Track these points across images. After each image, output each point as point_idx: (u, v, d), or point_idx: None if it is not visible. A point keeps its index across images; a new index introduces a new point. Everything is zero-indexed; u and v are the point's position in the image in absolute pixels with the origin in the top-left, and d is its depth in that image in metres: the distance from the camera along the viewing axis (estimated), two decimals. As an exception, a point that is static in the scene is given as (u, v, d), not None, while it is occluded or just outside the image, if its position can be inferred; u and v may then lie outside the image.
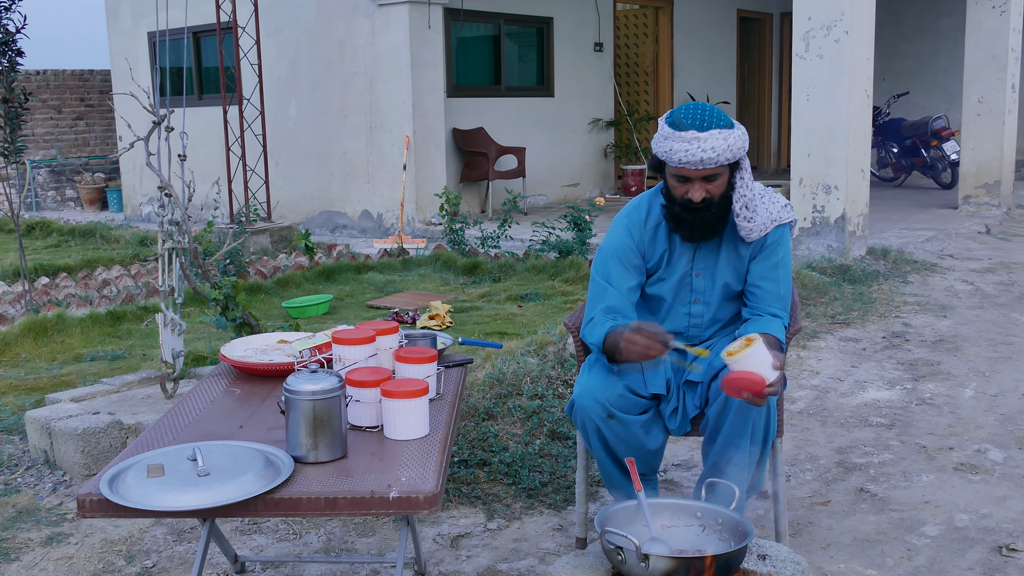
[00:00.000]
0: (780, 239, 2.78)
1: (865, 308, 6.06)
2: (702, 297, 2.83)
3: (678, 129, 2.58)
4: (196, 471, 2.01)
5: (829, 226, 7.09)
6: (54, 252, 10.12)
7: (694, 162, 2.56)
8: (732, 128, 2.60)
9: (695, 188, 2.62)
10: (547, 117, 11.60)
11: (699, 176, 2.60)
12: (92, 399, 4.12)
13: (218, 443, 2.18)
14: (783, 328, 2.74)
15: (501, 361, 4.53)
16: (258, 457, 2.10)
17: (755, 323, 2.74)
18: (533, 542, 3.12)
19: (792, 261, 2.86)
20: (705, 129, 2.56)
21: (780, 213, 2.76)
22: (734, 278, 2.80)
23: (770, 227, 2.73)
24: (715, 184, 2.63)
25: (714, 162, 2.56)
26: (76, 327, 5.95)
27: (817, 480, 3.54)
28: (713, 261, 2.79)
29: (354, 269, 7.55)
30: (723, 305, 2.84)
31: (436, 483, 2.00)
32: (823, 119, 6.93)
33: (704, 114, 2.60)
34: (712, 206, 2.65)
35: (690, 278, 2.82)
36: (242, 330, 4.47)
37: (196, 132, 11.27)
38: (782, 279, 2.78)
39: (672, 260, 2.81)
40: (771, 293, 2.77)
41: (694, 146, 2.55)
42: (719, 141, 2.55)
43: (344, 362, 2.47)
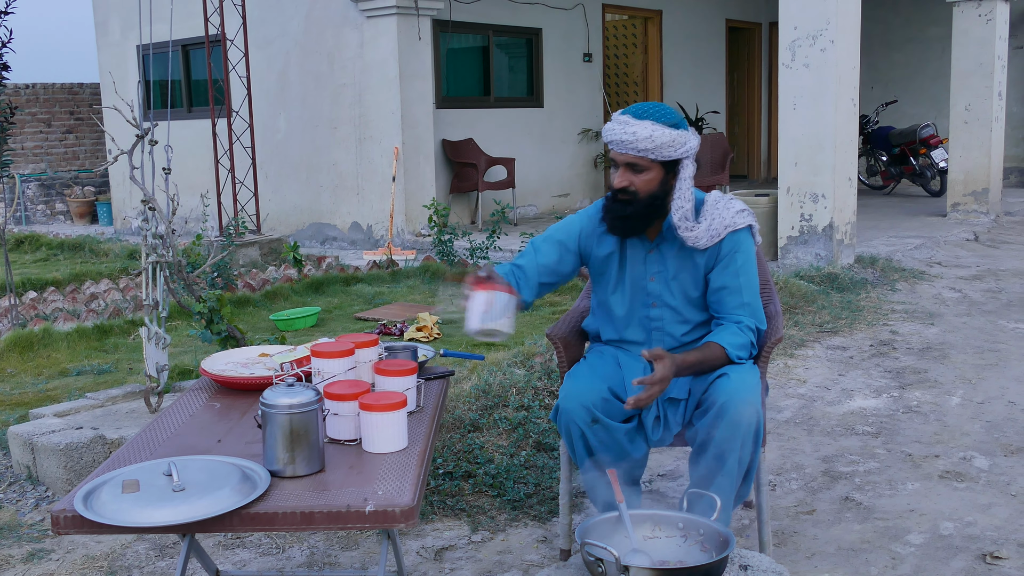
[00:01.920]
0: (737, 246, 2.74)
1: (853, 316, 6.06)
2: (659, 300, 2.81)
3: (621, 114, 2.67)
4: (171, 486, 2.00)
5: (817, 234, 7.10)
6: (43, 266, 10.09)
7: (615, 141, 2.63)
8: (673, 128, 2.62)
9: (619, 174, 2.67)
10: (537, 128, 11.62)
11: (622, 161, 2.65)
12: (76, 414, 4.10)
13: (194, 458, 2.17)
14: (742, 331, 2.71)
15: (487, 372, 4.52)
16: (234, 472, 2.09)
17: (712, 332, 2.74)
18: (517, 554, 3.11)
19: (756, 265, 2.83)
20: (640, 118, 2.62)
21: (734, 219, 2.72)
22: (691, 283, 2.78)
23: (723, 233, 2.69)
24: (640, 177, 2.64)
25: (632, 147, 2.59)
26: (62, 341, 5.93)
27: (803, 489, 3.54)
28: (666, 266, 2.78)
29: (343, 281, 7.53)
30: (686, 307, 2.81)
31: (413, 496, 1.99)
32: (810, 128, 6.95)
33: (651, 108, 2.66)
34: (633, 202, 2.65)
35: (644, 281, 2.81)
36: (227, 343, 4.46)
37: (185, 145, 11.26)
38: (745, 286, 2.75)
39: (625, 263, 2.82)
40: (734, 301, 2.74)
41: (620, 128, 2.63)
42: (643, 129, 2.59)
43: (322, 375, 2.46)
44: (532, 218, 11.29)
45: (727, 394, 2.56)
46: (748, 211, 2.79)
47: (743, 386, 2.57)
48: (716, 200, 2.75)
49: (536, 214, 11.55)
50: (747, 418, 2.55)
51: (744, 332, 2.73)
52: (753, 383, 2.60)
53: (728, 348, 2.68)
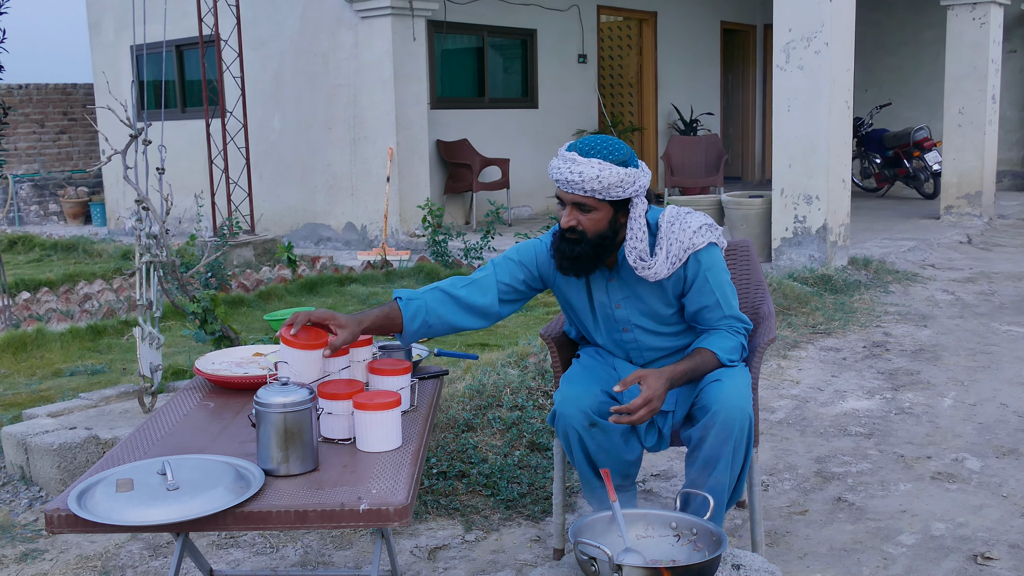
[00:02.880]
0: (703, 265, 2.64)
1: (846, 318, 6.08)
2: (628, 326, 2.77)
3: (567, 151, 2.57)
4: (165, 485, 2.00)
5: (811, 236, 7.12)
6: (36, 267, 10.08)
7: (562, 181, 2.53)
8: (621, 167, 2.51)
9: (566, 213, 2.57)
10: (531, 128, 11.63)
11: (570, 201, 2.56)
12: (69, 414, 4.09)
13: (188, 457, 2.17)
14: (732, 335, 2.71)
15: (481, 372, 4.53)
16: (228, 471, 2.09)
17: (701, 337, 2.74)
18: (511, 553, 3.11)
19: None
20: (587, 156, 2.52)
21: (692, 239, 2.60)
22: (659, 304, 2.72)
23: (683, 257, 2.61)
24: (587, 216, 2.55)
25: (578, 187, 2.49)
26: (56, 342, 5.92)
27: (795, 489, 3.55)
28: (633, 292, 2.72)
29: (337, 281, 7.54)
30: (659, 326, 2.77)
31: (407, 495, 1.99)
32: (804, 130, 6.97)
33: (597, 144, 2.54)
34: (582, 242, 2.56)
35: (611, 310, 2.76)
36: (221, 343, 4.46)
37: (180, 145, 11.27)
38: (722, 300, 2.69)
39: (586, 293, 2.77)
40: (716, 315, 2.71)
41: (566, 166, 2.52)
42: (590, 169, 2.48)
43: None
44: (527, 219, 11.31)
45: (720, 400, 2.57)
46: (709, 226, 2.66)
47: (734, 390, 2.58)
48: (671, 221, 2.62)
49: (531, 215, 11.56)
50: (738, 422, 2.56)
51: (734, 336, 2.73)
52: (743, 386, 2.61)
53: (719, 353, 2.68)
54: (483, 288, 2.71)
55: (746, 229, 7.49)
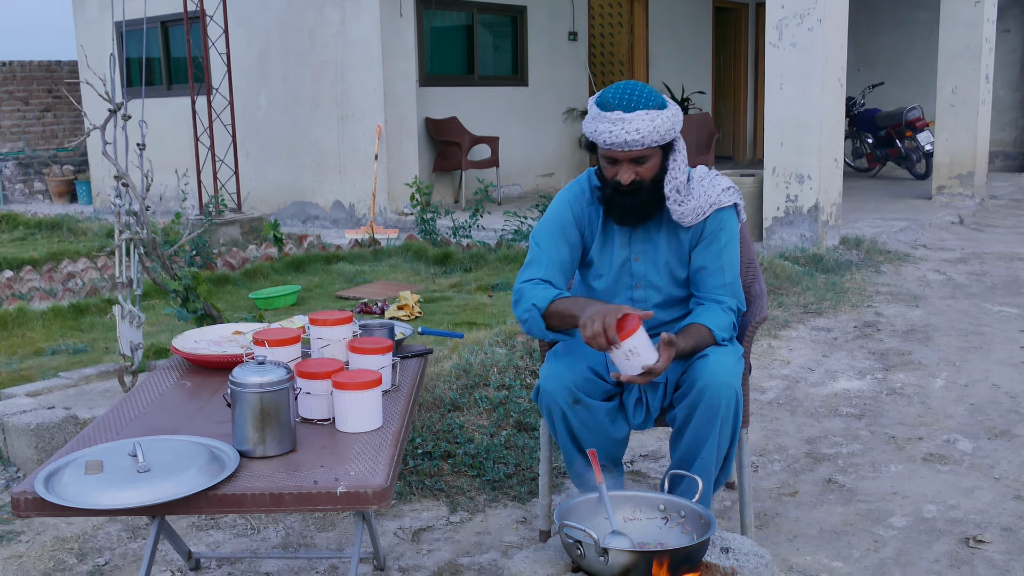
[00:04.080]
0: (721, 225, 2.67)
1: (837, 298, 6.03)
2: (643, 282, 2.74)
3: (605, 109, 2.52)
4: (136, 467, 1.94)
5: (802, 215, 7.06)
6: (20, 245, 9.96)
7: (619, 143, 2.50)
8: (662, 109, 2.52)
9: (623, 170, 2.55)
10: (521, 106, 11.53)
11: (626, 158, 2.54)
12: (48, 393, 4.02)
13: (161, 438, 2.10)
14: (726, 312, 2.66)
15: (468, 351, 4.47)
16: (202, 452, 2.03)
17: (694, 312, 2.68)
18: (496, 535, 3.06)
19: (739, 244, 2.78)
20: (631, 110, 2.49)
21: (720, 196, 2.65)
22: (676, 263, 2.72)
23: (708, 211, 2.63)
24: (645, 167, 2.56)
25: (639, 144, 2.49)
26: (37, 320, 5.83)
27: (785, 471, 3.50)
28: (652, 245, 2.71)
29: (324, 260, 7.45)
30: (672, 288, 2.75)
31: (386, 477, 1.93)
32: (796, 108, 6.89)
33: (632, 94, 2.52)
34: (642, 189, 2.58)
35: (629, 263, 2.74)
36: (204, 322, 4.38)
37: (166, 123, 11.14)
38: (727, 266, 2.69)
39: (609, 243, 2.74)
40: (715, 280, 2.68)
41: (619, 127, 2.48)
42: (644, 123, 2.48)
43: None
44: (516, 197, 11.22)
45: (706, 376, 2.51)
46: (735, 188, 2.73)
47: (722, 367, 2.52)
48: (702, 176, 2.68)
49: (520, 193, 11.47)
50: (726, 399, 2.50)
51: (727, 313, 2.68)
52: (733, 364, 2.55)
53: (715, 330, 2.63)
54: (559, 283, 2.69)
55: (737, 208, 7.42)
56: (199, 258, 7.02)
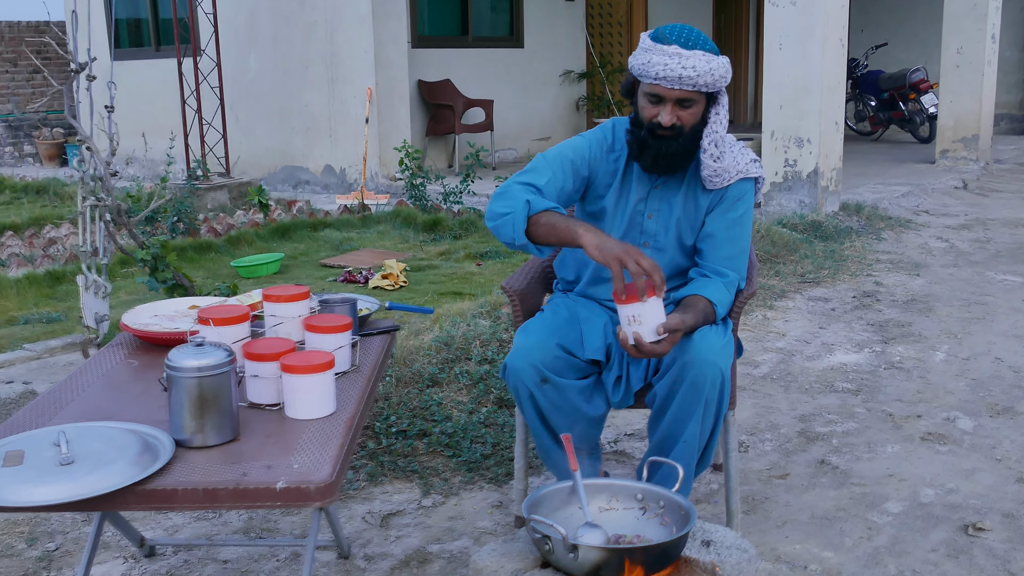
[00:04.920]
0: (743, 195, 2.54)
1: (836, 266, 5.85)
2: (652, 241, 2.59)
3: (661, 42, 2.37)
4: (59, 459, 1.77)
5: (801, 181, 6.86)
6: (4, 209, 9.77)
7: (671, 78, 2.33)
8: (720, 56, 2.39)
9: (667, 110, 2.38)
10: (516, 69, 11.27)
11: (673, 98, 2.37)
12: (10, 366, 3.87)
13: (92, 425, 1.94)
14: (728, 288, 2.51)
15: (450, 324, 4.30)
16: (134, 441, 1.86)
17: (696, 283, 2.51)
18: (469, 520, 2.91)
19: (752, 222, 2.63)
20: (690, 47, 2.35)
21: (748, 166, 2.53)
22: (688, 228, 2.57)
23: (735, 177, 2.51)
24: (688, 111, 2.40)
25: (692, 82, 2.33)
26: (12, 288, 5.67)
27: (777, 451, 3.34)
28: (668, 204, 2.56)
29: (310, 227, 7.27)
30: (677, 255, 2.60)
31: (332, 471, 1.77)
32: (796, 69, 6.67)
33: (691, 34, 2.39)
34: (680, 136, 2.42)
35: (641, 218, 2.58)
36: (175, 292, 4.22)
37: (153, 85, 10.91)
38: (738, 237, 2.55)
39: (624, 196, 2.57)
40: (722, 250, 2.54)
41: (675, 61, 2.33)
42: (702, 62, 2.33)
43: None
44: (511, 162, 11.00)
45: (690, 352, 2.34)
46: (760, 162, 2.59)
47: (707, 345, 2.34)
48: (732, 143, 2.53)
49: (516, 158, 11.25)
50: (711, 378, 2.33)
51: (728, 290, 2.52)
52: (720, 342, 2.38)
53: (718, 307, 2.47)
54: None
55: (735, 173, 7.21)
56: (181, 224, 6.83)
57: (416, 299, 5.26)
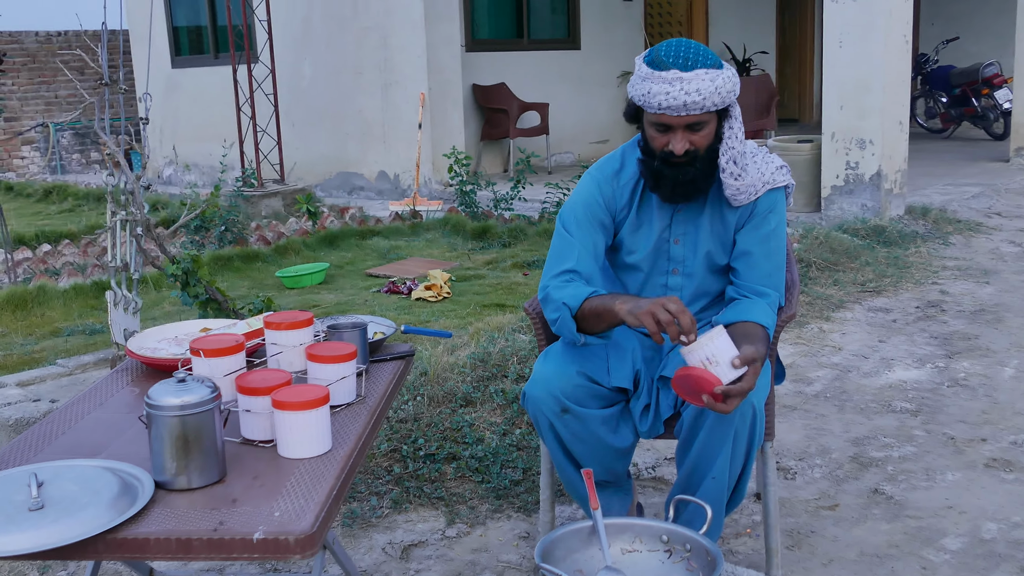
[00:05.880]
0: (773, 206, 2.36)
1: (899, 274, 5.57)
2: (681, 267, 2.42)
3: (658, 68, 2.18)
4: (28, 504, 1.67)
5: (863, 184, 6.57)
6: (67, 217, 9.92)
7: (676, 107, 2.16)
8: (720, 68, 2.20)
9: (677, 138, 2.22)
10: (573, 71, 11.09)
11: (681, 124, 2.20)
12: (41, 383, 3.83)
13: (69, 464, 1.83)
14: (771, 308, 2.33)
15: (487, 339, 4.16)
16: (113, 483, 1.75)
17: (738, 306, 2.33)
18: (494, 553, 2.76)
19: (786, 233, 2.44)
20: (689, 68, 2.16)
21: (774, 176, 2.35)
22: (718, 248, 2.39)
23: (761, 190, 2.33)
24: (700, 134, 2.23)
25: (699, 107, 2.16)
26: (59, 299, 5.69)
27: (826, 478, 3.13)
28: (695, 226, 2.39)
29: (358, 234, 7.20)
30: (707, 278, 2.44)
31: (313, 521, 1.64)
32: (857, 67, 6.40)
33: (688, 52, 2.19)
34: (697, 160, 2.25)
35: (667, 245, 2.41)
36: (208, 306, 4.14)
37: (213, 92, 10.99)
38: (773, 252, 2.37)
39: (646, 223, 2.41)
40: (759, 268, 2.35)
41: (676, 88, 2.15)
42: (705, 83, 2.15)
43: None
44: (569, 165, 10.82)
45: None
46: (787, 168, 2.41)
47: (738, 376, 2.16)
48: (755, 152, 2.36)
49: (573, 161, 11.07)
50: (740, 412, 2.15)
51: (773, 310, 2.33)
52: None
53: (769, 330, 2.29)
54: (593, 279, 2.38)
55: (795, 176, 6.91)
56: (229, 234, 6.81)
57: (458, 311, 5.14)
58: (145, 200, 3.93)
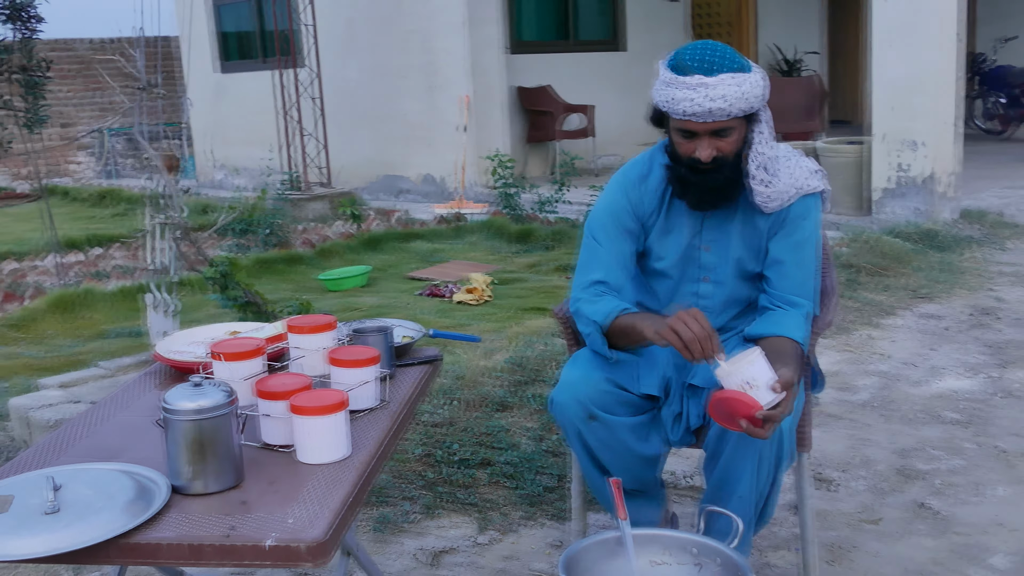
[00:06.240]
0: (806, 212, 2.28)
1: (952, 280, 5.42)
2: (711, 275, 2.35)
3: (681, 73, 2.11)
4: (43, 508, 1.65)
5: (915, 187, 6.42)
6: (118, 221, 10.05)
7: (701, 113, 2.08)
8: (747, 71, 2.12)
9: (703, 145, 2.15)
10: (618, 72, 10.99)
11: (707, 131, 2.13)
12: (82, 384, 3.86)
13: (87, 467, 1.82)
14: (805, 320, 2.25)
15: (524, 343, 4.11)
16: (130, 487, 1.73)
17: (770, 317, 2.25)
18: (525, 561, 2.71)
19: (821, 239, 2.36)
20: (714, 73, 2.08)
21: (807, 181, 2.27)
22: (749, 255, 2.32)
23: (793, 197, 2.25)
24: (727, 140, 2.15)
25: (725, 113, 2.09)
26: (104, 302, 5.75)
27: (869, 491, 3.03)
28: (725, 232, 2.31)
29: (400, 237, 7.20)
30: (738, 285, 2.36)
31: (327, 529, 1.60)
32: (907, 67, 6.24)
33: (713, 55, 2.11)
34: (724, 167, 2.17)
35: (697, 252, 2.34)
36: (247, 310, 4.15)
37: (259, 96, 11.07)
38: (806, 260, 2.29)
39: (675, 229, 2.34)
40: (791, 278, 2.27)
41: (700, 94, 2.07)
42: (731, 88, 2.07)
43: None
44: (614, 168, 10.73)
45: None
46: (823, 172, 2.33)
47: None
48: (787, 156, 2.28)
49: (619, 163, 10.97)
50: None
51: (806, 322, 2.26)
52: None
53: (802, 345, 2.22)
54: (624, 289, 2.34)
55: (842, 179, 6.81)
56: (273, 237, 6.85)
57: (498, 314, 5.10)
58: (194, 204, 3.97)
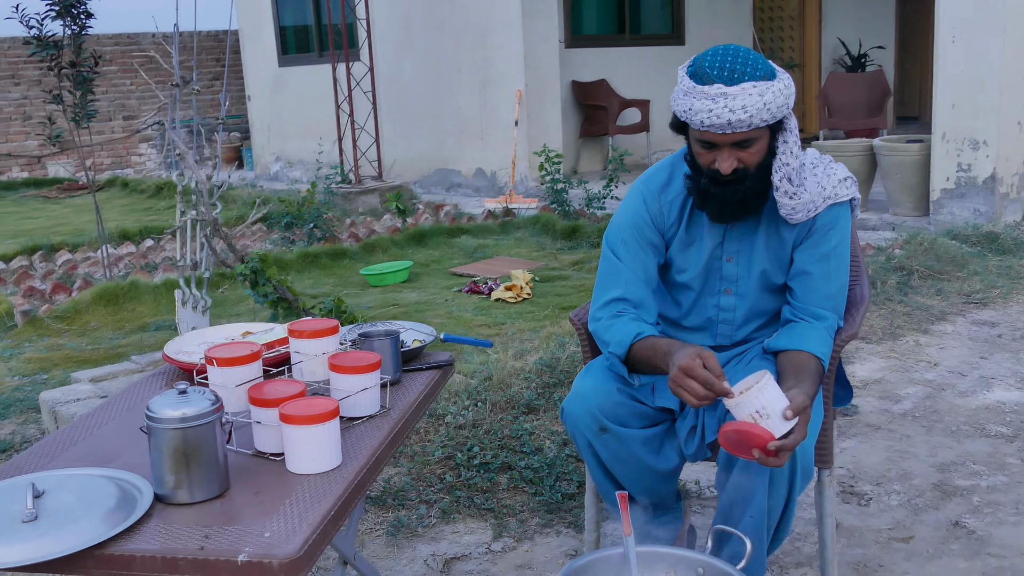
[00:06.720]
0: (834, 222, 2.17)
1: (1010, 285, 5.20)
2: (734, 287, 2.26)
3: (701, 82, 2.01)
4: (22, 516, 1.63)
5: (976, 187, 6.19)
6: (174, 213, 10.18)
7: (720, 125, 1.98)
8: (772, 79, 2.01)
9: (723, 157, 2.05)
10: (676, 67, 10.81)
11: (728, 142, 2.03)
12: (113, 379, 3.88)
13: (72, 473, 1.80)
14: (829, 334, 2.14)
15: (557, 344, 4.04)
16: (112, 494, 1.71)
17: (793, 330, 2.15)
18: (538, 570, 2.64)
19: (849, 249, 2.24)
20: (735, 82, 1.98)
21: (836, 189, 2.16)
22: (774, 266, 2.22)
23: (821, 206, 2.14)
24: (749, 151, 2.05)
25: (746, 124, 1.98)
26: (148, 294, 5.80)
27: (903, 507, 2.90)
28: (749, 243, 2.21)
29: (447, 232, 7.16)
30: (761, 297, 2.26)
31: (301, 545, 1.55)
32: (971, 64, 6.01)
33: (735, 62, 2.01)
34: (746, 178, 2.07)
35: (719, 263, 2.25)
36: (279, 305, 4.14)
37: (317, 90, 11.15)
38: (834, 272, 2.18)
39: (698, 240, 2.25)
40: (817, 290, 2.17)
41: (720, 105, 1.97)
42: (752, 98, 1.97)
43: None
44: (669, 165, 10.57)
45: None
46: (852, 180, 2.22)
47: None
48: (815, 163, 2.18)
49: (674, 160, 10.81)
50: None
51: (830, 336, 2.15)
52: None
53: (824, 360, 2.12)
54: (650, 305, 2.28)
55: (900, 178, 6.60)
56: (318, 231, 6.86)
57: (536, 313, 5.03)
58: (249, 196, 3.97)
